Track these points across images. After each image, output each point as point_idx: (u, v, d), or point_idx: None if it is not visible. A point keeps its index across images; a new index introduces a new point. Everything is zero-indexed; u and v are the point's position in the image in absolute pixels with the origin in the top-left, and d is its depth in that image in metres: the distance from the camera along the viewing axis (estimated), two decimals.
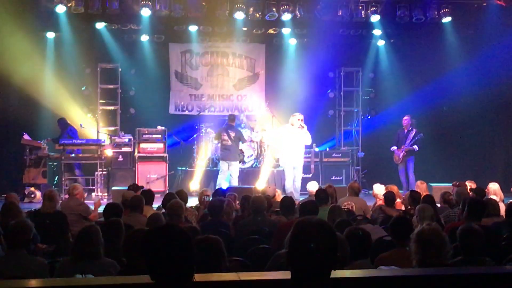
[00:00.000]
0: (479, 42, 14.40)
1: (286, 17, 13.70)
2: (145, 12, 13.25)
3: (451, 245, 4.18)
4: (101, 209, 7.67)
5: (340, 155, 14.61)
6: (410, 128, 13.65)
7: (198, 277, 3.39)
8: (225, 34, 15.00)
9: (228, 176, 12.68)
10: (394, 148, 13.80)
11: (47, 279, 4.36)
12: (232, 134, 12.62)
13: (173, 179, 13.97)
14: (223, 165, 12.71)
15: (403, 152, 13.53)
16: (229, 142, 12.57)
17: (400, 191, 9.63)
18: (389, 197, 8.24)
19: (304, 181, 11.81)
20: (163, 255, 2.54)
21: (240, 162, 13.04)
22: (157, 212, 6.61)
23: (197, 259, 3.71)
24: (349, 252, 4.27)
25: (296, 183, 12.18)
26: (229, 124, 12.86)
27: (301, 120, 12.07)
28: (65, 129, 13.21)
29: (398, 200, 8.72)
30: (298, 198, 10.93)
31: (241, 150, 13.14)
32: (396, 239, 4.91)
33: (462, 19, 14.16)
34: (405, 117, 13.80)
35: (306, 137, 12.15)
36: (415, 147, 13.46)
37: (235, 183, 12.47)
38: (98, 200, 9.63)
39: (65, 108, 13.98)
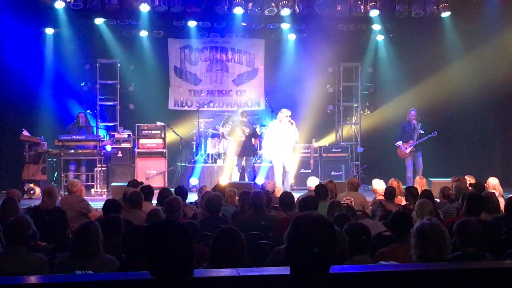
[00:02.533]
0: (479, 36, 14.39)
1: (285, 12, 13.70)
2: (144, 8, 13.26)
3: (450, 240, 4.18)
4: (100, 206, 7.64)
5: (340, 150, 14.59)
6: (416, 122, 13.44)
7: (198, 272, 3.40)
8: (224, 30, 15.02)
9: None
10: (399, 143, 13.45)
11: (47, 275, 4.36)
12: (247, 130, 12.69)
13: (173, 175, 13.98)
14: (238, 160, 12.77)
15: (411, 147, 13.39)
16: (243, 138, 12.63)
17: (403, 186, 9.54)
18: (390, 192, 8.22)
19: (304, 177, 11.81)
20: (162, 251, 2.52)
21: (253, 157, 13.12)
22: (156, 208, 6.60)
23: (220, 250, 3.90)
24: (349, 247, 4.27)
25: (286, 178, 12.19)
26: (242, 120, 12.91)
27: (289, 116, 12.01)
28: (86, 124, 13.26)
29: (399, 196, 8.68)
30: None
31: (253, 145, 13.16)
32: (396, 234, 4.91)
33: (461, 13, 14.15)
34: (412, 110, 13.53)
35: (294, 133, 12.08)
36: (433, 134, 13.22)
37: (249, 178, 12.55)
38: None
39: (64, 104, 13.96)
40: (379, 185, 9.22)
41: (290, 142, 12.27)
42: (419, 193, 7.68)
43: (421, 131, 13.29)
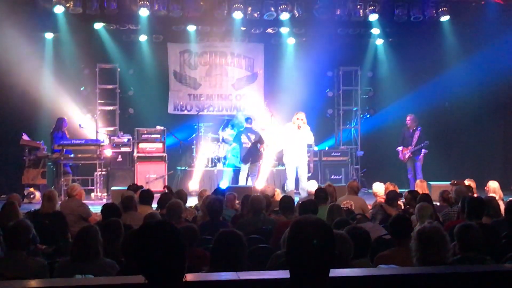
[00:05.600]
0: (478, 40, 14.40)
1: (285, 16, 13.70)
2: (143, 12, 13.26)
3: (451, 243, 4.17)
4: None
5: (339, 154, 14.61)
6: (415, 128, 13.61)
7: (198, 276, 3.40)
8: (223, 34, 15.02)
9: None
10: (400, 148, 13.76)
11: (47, 279, 4.36)
12: (252, 137, 12.81)
13: (172, 179, 13.96)
14: (243, 165, 12.85)
15: (409, 153, 13.51)
16: (249, 144, 12.76)
17: (401, 190, 9.54)
18: (391, 196, 8.22)
19: None
20: (152, 252, 2.47)
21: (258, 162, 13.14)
22: (153, 212, 6.60)
23: (221, 252, 3.92)
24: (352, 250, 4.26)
25: (302, 183, 11.71)
26: (248, 127, 13.01)
27: (303, 120, 11.84)
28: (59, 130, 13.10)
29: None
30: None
31: (259, 150, 13.16)
32: (396, 238, 4.91)
33: (460, 17, 14.16)
34: (408, 117, 13.72)
35: (309, 136, 11.84)
36: (422, 153, 13.41)
37: (253, 183, 12.55)
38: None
39: (64, 108, 13.96)
40: (379, 188, 9.24)
41: (304, 145, 11.98)
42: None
43: (422, 144, 13.36)
